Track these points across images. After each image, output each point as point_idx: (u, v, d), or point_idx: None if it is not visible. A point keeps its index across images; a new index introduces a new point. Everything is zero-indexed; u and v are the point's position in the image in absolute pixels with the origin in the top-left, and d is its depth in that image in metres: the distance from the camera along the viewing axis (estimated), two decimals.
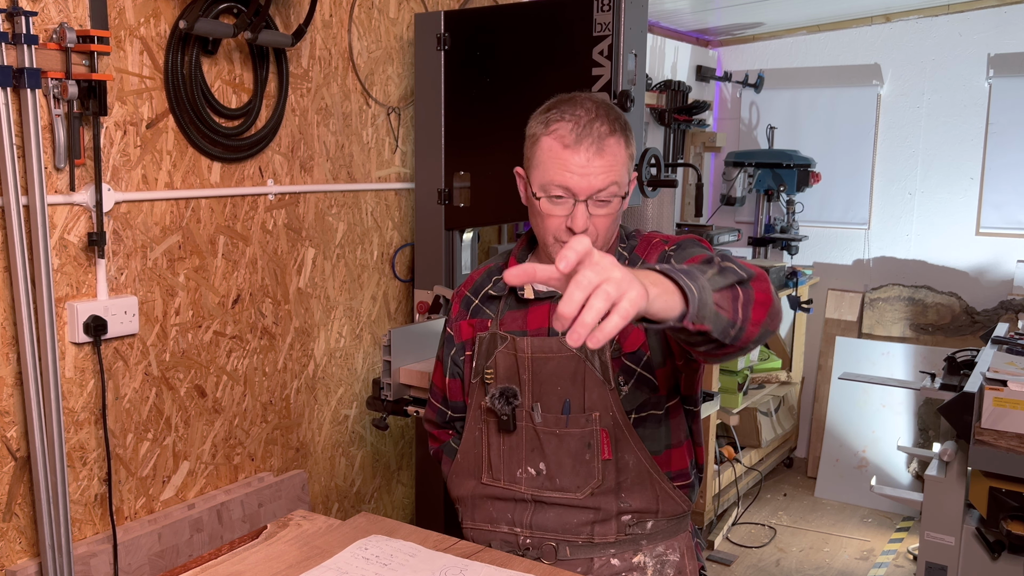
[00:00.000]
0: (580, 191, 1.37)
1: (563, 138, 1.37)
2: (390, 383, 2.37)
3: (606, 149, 1.37)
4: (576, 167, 1.36)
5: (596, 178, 1.36)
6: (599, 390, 1.44)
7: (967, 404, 2.33)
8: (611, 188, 1.38)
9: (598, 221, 1.39)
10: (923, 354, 4.17)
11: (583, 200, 1.37)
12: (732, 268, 1.18)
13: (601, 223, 1.40)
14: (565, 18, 2.39)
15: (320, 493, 2.80)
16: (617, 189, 1.39)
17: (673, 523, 1.52)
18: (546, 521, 1.48)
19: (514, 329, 1.51)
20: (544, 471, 1.48)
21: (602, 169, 1.36)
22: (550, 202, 1.40)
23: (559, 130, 1.38)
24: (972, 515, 2.44)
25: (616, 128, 1.39)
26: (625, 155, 1.41)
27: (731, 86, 4.73)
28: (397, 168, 2.94)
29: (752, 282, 1.18)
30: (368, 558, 1.32)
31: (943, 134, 4.20)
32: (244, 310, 2.45)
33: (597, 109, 1.39)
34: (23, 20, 1.77)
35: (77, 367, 2.04)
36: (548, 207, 1.40)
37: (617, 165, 1.38)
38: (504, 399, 1.48)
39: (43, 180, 1.87)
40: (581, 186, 1.36)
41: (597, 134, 1.36)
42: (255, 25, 2.22)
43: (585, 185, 1.36)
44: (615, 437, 1.44)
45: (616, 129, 1.39)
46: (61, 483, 1.95)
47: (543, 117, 1.41)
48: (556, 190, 1.38)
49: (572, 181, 1.36)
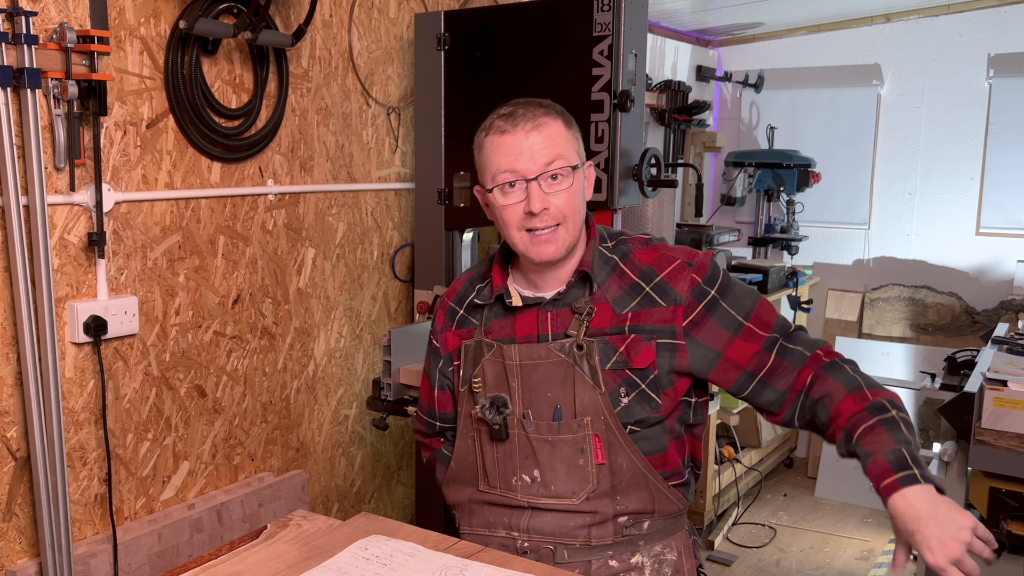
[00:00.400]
0: (527, 171, 1.39)
1: (500, 127, 1.41)
2: (390, 383, 2.37)
3: (543, 125, 1.40)
4: (517, 147, 1.39)
5: (540, 154, 1.39)
6: (589, 394, 1.43)
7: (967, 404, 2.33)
8: (558, 161, 1.40)
9: (556, 200, 1.40)
10: (923, 354, 4.17)
11: (533, 179, 1.39)
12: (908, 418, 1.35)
13: (560, 202, 1.40)
14: (565, 18, 2.39)
15: (320, 493, 2.80)
16: (565, 162, 1.41)
17: (670, 522, 1.51)
18: (543, 525, 1.48)
19: (502, 337, 1.50)
20: (539, 478, 1.47)
21: (543, 143, 1.39)
22: (502, 192, 1.41)
23: (495, 124, 1.42)
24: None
25: (551, 110, 1.43)
26: (567, 132, 1.43)
27: (731, 86, 4.73)
28: (397, 168, 2.94)
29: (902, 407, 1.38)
30: (368, 558, 1.32)
31: (943, 134, 4.20)
32: (244, 310, 2.45)
33: (528, 100, 1.45)
34: (23, 20, 1.77)
35: (77, 367, 2.04)
36: (503, 198, 1.42)
37: (559, 139, 1.41)
38: (495, 408, 1.47)
39: (43, 180, 1.87)
40: (527, 165, 1.39)
41: (531, 115, 1.41)
42: (255, 25, 2.22)
43: (531, 163, 1.39)
44: (608, 441, 1.43)
45: (551, 111, 1.43)
46: (61, 483, 1.95)
47: (482, 125, 1.46)
48: (505, 176, 1.40)
49: (518, 163, 1.39)
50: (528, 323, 1.49)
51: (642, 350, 1.42)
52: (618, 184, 2.38)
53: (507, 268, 1.55)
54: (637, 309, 1.44)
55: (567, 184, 1.41)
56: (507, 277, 1.53)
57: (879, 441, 1.29)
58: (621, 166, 2.38)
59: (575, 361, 1.43)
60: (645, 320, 1.43)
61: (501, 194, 1.42)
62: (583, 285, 1.48)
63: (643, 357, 1.42)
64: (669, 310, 1.43)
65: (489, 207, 1.48)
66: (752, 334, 1.44)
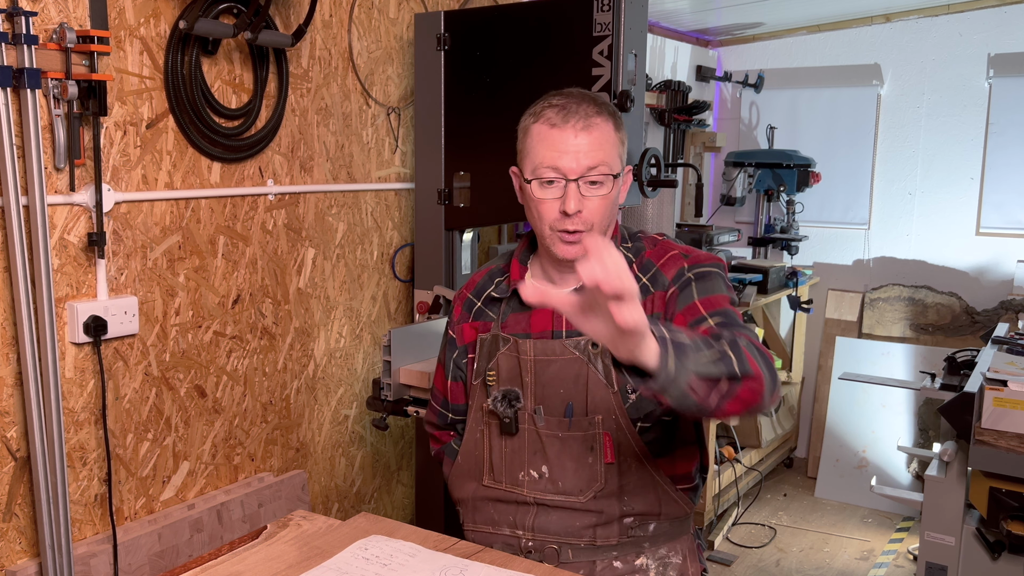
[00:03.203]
0: (570, 170, 1.37)
1: (550, 119, 1.38)
2: (390, 383, 2.37)
3: (593, 127, 1.37)
4: (564, 145, 1.37)
5: (585, 156, 1.37)
6: (602, 393, 1.43)
7: (967, 404, 2.33)
8: (601, 167, 1.38)
9: (591, 204, 1.38)
10: (923, 354, 4.16)
11: (574, 180, 1.37)
12: (731, 358, 1.15)
13: (594, 207, 1.39)
14: (565, 18, 2.39)
15: (320, 493, 2.80)
16: (608, 169, 1.39)
17: (675, 525, 1.51)
18: (548, 524, 1.48)
19: (517, 331, 1.50)
20: (546, 474, 1.47)
21: (590, 146, 1.37)
22: (541, 186, 1.40)
23: (546, 113, 1.39)
24: (972, 515, 2.44)
25: (604, 111, 1.40)
26: (615, 137, 1.41)
27: (731, 86, 4.73)
28: (397, 168, 2.94)
29: (744, 380, 1.15)
30: (368, 558, 1.32)
31: (943, 134, 4.20)
32: (244, 310, 2.45)
33: (583, 94, 1.41)
34: (23, 20, 1.77)
35: (77, 367, 2.04)
36: (540, 191, 1.40)
37: (606, 144, 1.39)
38: (506, 401, 1.47)
39: (43, 180, 1.87)
40: (570, 165, 1.37)
41: (584, 113, 1.38)
42: (255, 25, 2.22)
43: (574, 163, 1.37)
44: (618, 440, 1.44)
45: (604, 111, 1.40)
46: (61, 483, 1.95)
47: (532, 108, 1.42)
48: (546, 172, 1.38)
49: (561, 160, 1.37)
50: (543, 319, 1.49)
51: None
52: None
53: (526, 264, 1.54)
54: None
55: (605, 191, 1.39)
56: (525, 272, 1.53)
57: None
58: None
59: (589, 359, 1.43)
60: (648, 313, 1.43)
61: (539, 187, 1.40)
62: None
63: None
64: (659, 296, 1.43)
65: (522, 193, 1.46)
66: (692, 310, 1.38)
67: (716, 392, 1.13)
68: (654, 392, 1.10)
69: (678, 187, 4.46)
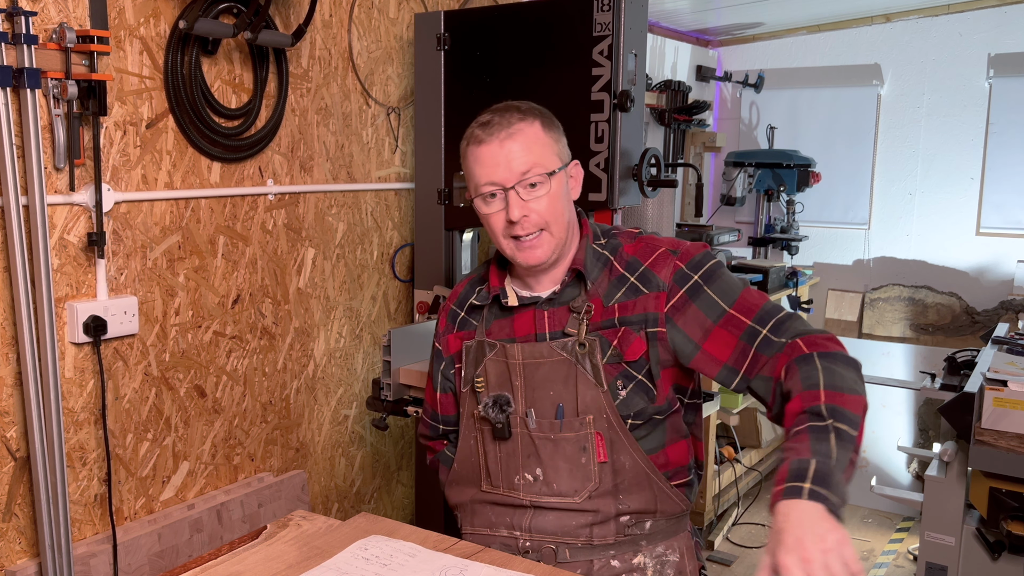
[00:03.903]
0: (505, 180, 1.40)
1: (478, 137, 1.43)
2: (390, 383, 2.37)
3: (517, 133, 1.41)
4: (493, 158, 1.40)
5: (516, 162, 1.40)
6: (592, 393, 1.43)
7: (967, 404, 2.33)
8: (534, 169, 1.41)
9: (537, 206, 1.41)
10: (923, 354, 4.16)
11: (511, 187, 1.40)
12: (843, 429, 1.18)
13: (541, 208, 1.41)
14: (565, 18, 2.39)
15: (320, 493, 2.80)
16: (542, 169, 1.41)
17: (672, 523, 1.51)
18: (545, 525, 1.48)
19: (502, 337, 1.51)
20: (541, 477, 1.47)
21: (517, 152, 1.40)
22: (484, 201, 1.44)
23: (474, 133, 1.44)
24: (972, 515, 2.44)
25: (528, 115, 1.43)
26: (544, 136, 1.43)
27: (731, 86, 4.73)
28: (397, 168, 2.94)
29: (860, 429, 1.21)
30: (368, 558, 1.32)
31: (943, 134, 4.20)
32: (244, 310, 2.44)
33: (508, 105, 1.45)
34: (23, 20, 1.77)
35: (77, 367, 2.03)
36: (485, 207, 1.44)
37: (535, 146, 1.41)
38: (498, 407, 1.47)
39: (43, 180, 1.87)
40: (504, 175, 1.40)
41: (506, 122, 1.41)
42: (255, 25, 2.22)
43: (507, 172, 1.40)
44: (610, 439, 1.44)
45: (528, 115, 1.43)
46: (61, 483, 1.95)
47: (466, 132, 1.47)
48: (485, 187, 1.42)
49: (495, 173, 1.41)
50: (526, 323, 1.50)
51: (633, 342, 1.43)
52: (618, 184, 2.38)
53: (504, 269, 1.56)
54: (623, 300, 1.44)
55: (545, 190, 1.42)
56: (504, 278, 1.54)
57: (795, 448, 1.16)
58: (621, 166, 2.38)
59: (577, 360, 1.44)
60: (631, 311, 1.44)
61: (484, 203, 1.44)
62: (578, 284, 1.48)
63: (635, 349, 1.43)
64: (652, 297, 1.43)
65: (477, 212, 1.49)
66: (733, 321, 1.39)
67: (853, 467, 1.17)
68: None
69: (678, 187, 4.46)
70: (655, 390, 1.44)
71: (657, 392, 1.45)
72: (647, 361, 1.44)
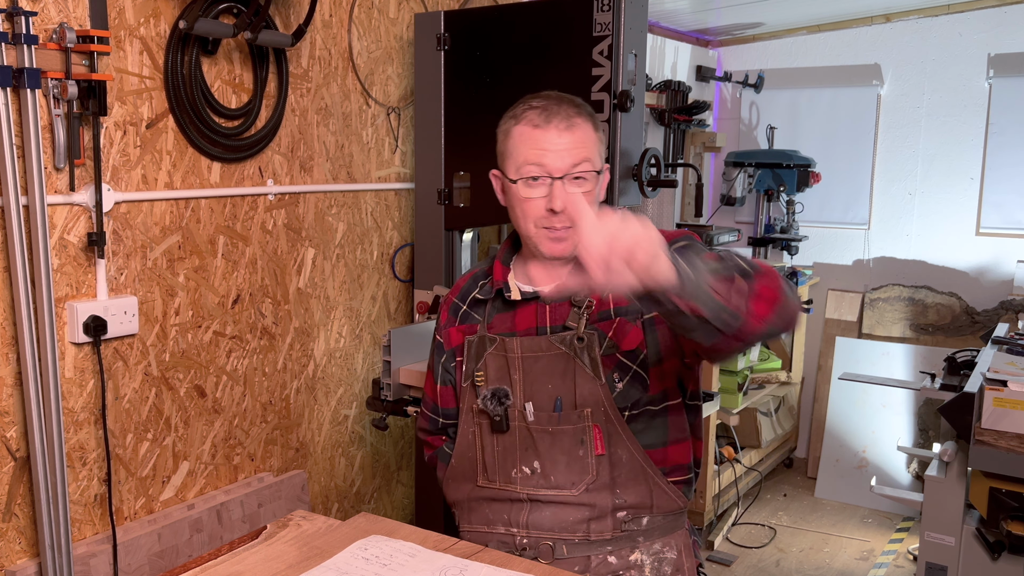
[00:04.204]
0: (555, 168, 1.41)
1: (533, 120, 1.42)
2: (390, 383, 2.37)
3: (575, 126, 1.42)
4: (548, 144, 1.41)
5: (569, 153, 1.41)
6: (590, 386, 1.44)
7: (967, 404, 2.33)
8: (584, 164, 1.42)
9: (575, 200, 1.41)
10: (923, 354, 4.16)
11: (559, 177, 1.41)
12: (735, 261, 1.19)
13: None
14: (565, 18, 2.39)
15: (320, 493, 2.80)
16: (590, 166, 1.43)
17: (669, 520, 1.52)
18: (542, 520, 1.48)
19: (503, 331, 1.52)
20: (538, 469, 1.48)
21: (573, 144, 1.41)
22: (527, 185, 1.43)
23: (528, 114, 1.43)
24: (972, 515, 2.44)
25: (583, 111, 1.45)
26: (594, 136, 1.45)
27: (731, 86, 4.73)
28: (397, 168, 2.94)
29: (757, 276, 1.18)
30: (368, 558, 1.32)
31: (943, 134, 4.20)
32: (244, 310, 2.45)
33: (561, 96, 1.46)
34: (23, 20, 1.77)
35: (77, 367, 2.03)
36: (526, 190, 1.43)
37: (588, 142, 1.43)
38: (496, 400, 1.49)
39: (43, 180, 1.87)
40: (555, 163, 1.41)
41: (565, 113, 1.42)
42: (255, 25, 2.22)
43: (559, 161, 1.41)
44: (608, 432, 1.45)
45: (582, 112, 1.45)
46: (61, 483, 1.95)
47: (512, 111, 1.47)
48: (532, 170, 1.42)
49: (546, 158, 1.41)
50: (527, 316, 1.51)
51: (629, 332, 1.45)
52: (618, 184, 2.38)
53: (508, 264, 1.57)
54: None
55: (589, 187, 1.43)
56: (507, 273, 1.55)
57: None
58: (621, 166, 2.38)
59: (575, 353, 1.45)
60: (626, 300, 1.45)
61: (525, 186, 1.43)
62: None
63: (631, 339, 1.45)
64: None
65: (505, 194, 1.49)
66: None
67: (736, 292, 1.13)
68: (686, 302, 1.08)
69: (678, 187, 4.46)
70: (648, 379, 1.46)
71: (651, 381, 1.45)
72: (643, 351, 1.45)
